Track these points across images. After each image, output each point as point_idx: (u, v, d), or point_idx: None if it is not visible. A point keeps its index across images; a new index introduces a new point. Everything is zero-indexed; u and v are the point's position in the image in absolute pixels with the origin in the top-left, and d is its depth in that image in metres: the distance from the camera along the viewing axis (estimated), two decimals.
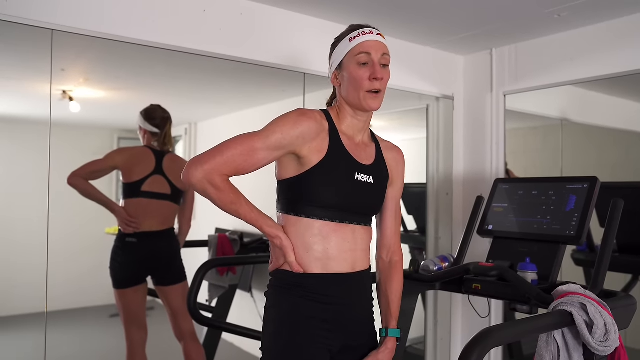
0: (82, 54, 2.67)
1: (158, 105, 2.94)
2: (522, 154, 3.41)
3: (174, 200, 2.82)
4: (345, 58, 1.45)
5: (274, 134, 1.37)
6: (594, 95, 3.10)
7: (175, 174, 2.79)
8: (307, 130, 1.38)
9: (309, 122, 1.39)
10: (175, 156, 2.89)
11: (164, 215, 2.78)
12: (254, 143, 1.35)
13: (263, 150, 1.36)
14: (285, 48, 2.51)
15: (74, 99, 3.35)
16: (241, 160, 1.35)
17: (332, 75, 1.51)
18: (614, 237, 1.72)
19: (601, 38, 2.60)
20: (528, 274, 1.81)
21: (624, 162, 3.18)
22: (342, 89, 1.47)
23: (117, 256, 2.76)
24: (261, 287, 3.65)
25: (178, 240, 2.89)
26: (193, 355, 2.81)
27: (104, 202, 2.78)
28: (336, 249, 1.42)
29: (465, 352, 1.17)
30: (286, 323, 1.41)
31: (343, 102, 1.48)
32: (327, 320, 1.42)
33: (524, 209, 2.05)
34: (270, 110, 3.79)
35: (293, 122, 1.38)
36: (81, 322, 4.58)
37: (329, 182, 1.40)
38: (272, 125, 1.40)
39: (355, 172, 1.44)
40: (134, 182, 2.75)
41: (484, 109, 3.13)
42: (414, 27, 2.73)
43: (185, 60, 2.47)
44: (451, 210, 3.23)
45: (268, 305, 1.48)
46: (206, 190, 1.35)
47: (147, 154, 2.80)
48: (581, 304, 1.45)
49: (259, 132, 1.39)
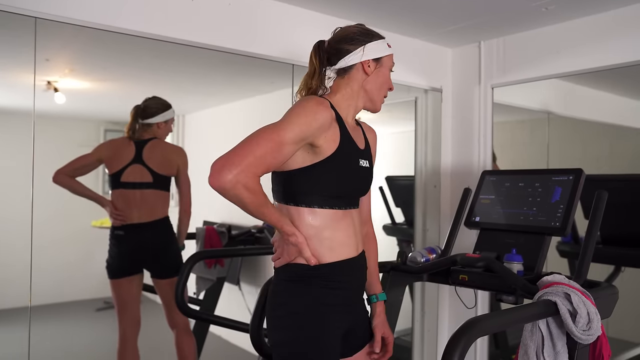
0: (67, 43, 2.63)
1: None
2: (509, 147, 3.43)
3: (158, 187, 2.74)
4: (385, 57, 1.53)
5: (298, 126, 1.34)
6: (580, 89, 3.13)
7: (156, 161, 2.74)
8: (325, 120, 1.38)
9: (326, 111, 1.39)
10: (156, 142, 2.80)
11: (150, 205, 2.73)
12: (282, 137, 1.32)
13: (290, 144, 1.34)
14: (274, 39, 2.49)
15: (59, 90, 3.31)
16: (271, 157, 1.32)
17: (364, 62, 1.50)
18: (597, 228, 1.75)
19: (587, 32, 2.61)
20: (514, 265, 1.83)
21: (608, 155, 3.22)
22: (371, 80, 1.51)
23: (110, 248, 2.78)
24: (249, 280, 3.65)
25: (172, 232, 2.83)
26: (184, 347, 2.81)
27: (91, 197, 2.77)
28: (344, 235, 1.46)
29: (452, 341, 1.18)
30: (306, 314, 1.42)
31: (360, 90, 1.52)
32: (342, 304, 1.47)
33: (510, 200, 2.06)
34: (259, 102, 3.77)
35: (313, 113, 1.37)
36: (67, 316, 4.56)
37: (344, 171, 1.44)
38: (293, 116, 1.36)
39: (358, 159, 1.49)
40: (114, 174, 2.74)
41: (471, 102, 3.14)
42: (402, 19, 2.73)
43: (173, 50, 2.44)
44: (439, 203, 3.25)
45: (280, 300, 1.46)
46: (239, 195, 1.28)
47: (127, 144, 2.78)
48: (565, 294, 1.47)
49: (282, 125, 1.35)
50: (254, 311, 1.93)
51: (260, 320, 1.94)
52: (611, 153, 3.22)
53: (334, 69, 1.51)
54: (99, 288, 4.65)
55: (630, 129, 3.23)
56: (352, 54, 1.49)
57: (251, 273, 3.68)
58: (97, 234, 4.61)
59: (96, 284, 4.65)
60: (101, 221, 4.60)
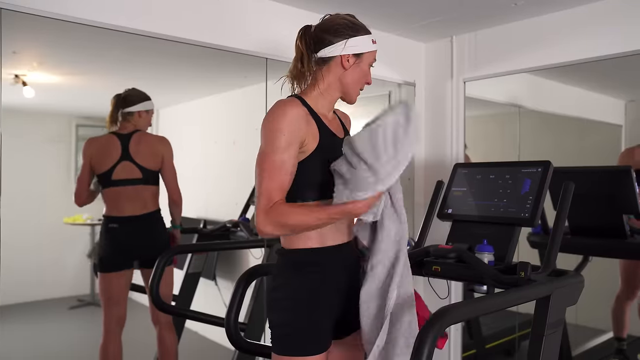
0: (35, 35, 2.58)
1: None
2: (482, 140, 3.49)
3: (148, 182, 2.79)
4: (366, 53, 1.55)
5: (281, 137, 1.38)
6: (550, 84, 3.20)
7: (143, 156, 2.77)
8: (299, 118, 1.42)
9: (295, 108, 1.43)
10: (140, 135, 2.82)
11: (142, 199, 2.77)
12: (278, 157, 1.38)
13: (287, 157, 1.39)
14: (246, 33, 2.48)
15: (27, 84, 3.24)
16: (280, 180, 1.39)
17: (344, 56, 1.51)
18: (565, 218, 1.79)
19: (556, 27, 2.67)
20: (485, 255, 1.86)
21: (578, 149, 3.30)
22: (348, 74, 1.53)
23: (101, 241, 2.80)
24: (225, 275, 3.64)
25: (163, 223, 2.88)
26: (166, 342, 2.84)
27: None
28: (342, 221, 1.51)
29: (423, 331, 1.20)
30: (302, 298, 1.48)
31: (337, 82, 1.54)
32: (335, 288, 1.53)
33: (482, 192, 2.10)
34: (233, 97, 3.75)
35: (284, 117, 1.40)
36: (39, 316, 4.47)
37: (324, 164, 1.46)
38: (271, 131, 1.40)
39: (339, 148, 1.51)
40: (103, 173, 2.76)
41: (444, 96, 3.18)
42: (376, 13, 2.74)
43: (145, 44, 2.41)
44: (413, 195, 3.29)
45: (279, 283, 1.52)
46: (283, 229, 1.39)
47: (112, 141, 2.78)
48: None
49: (269, 146, 1.39)
50: (229, 306, 1.93)
51: (235, 314, 1.94)
52: (579, 146, 3.30)
53: (315, 56, 1.53)
54: (72, 286, 4.59)
55: (597, 123, 3.32)
56: (333, 46, 1.50)
57: (227, 268, 3.67)
58: (70, 231, 4.54)
59: (69, 282, 4.58)
60: (73, 218, 4.53)
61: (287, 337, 1.47)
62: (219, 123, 3.78)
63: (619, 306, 3.10)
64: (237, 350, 2.10)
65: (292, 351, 1.46)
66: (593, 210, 2.53)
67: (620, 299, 3.11)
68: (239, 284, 1.95)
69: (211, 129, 3.35)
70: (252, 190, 3.29)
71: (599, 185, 2.51)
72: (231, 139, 3.71)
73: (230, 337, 1.94)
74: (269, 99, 2.79)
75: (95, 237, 4.69)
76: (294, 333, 1.46)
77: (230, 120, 3.80)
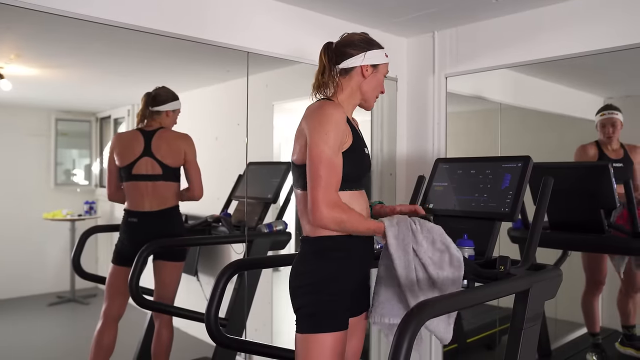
0: (12, 27, 2.52)
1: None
2: (463, 135, 3.51)
3: (168, 179, 2.84)
4: (381, 65, 1.79)
5: (333, 137, 1.59)
6: (530, 80, 3.22)
7: (164, 153, 2.83)
8: (344, 120, 1.64)
9: (342, 113, 1.64)
10: (163, 132, 2.88)
11: (161, 195, 2.83)
12: (333, 155, 1.58)
13: (336, 156, 1.59)
14: (227, 26, 2.46)
15: (4, 77, 3.18)
16: (337, 177, 1.60)
17: (364, 67, 1.75)
18: (544, 212, 1.81)
19: (536, 23, 2.69)
20: (465, 250, 1.87)
21: (557, 145, 3.34)
22: (366, 82, 1.77)
23: (120, 234, 2.89)
24: (207, 270, 3.62)
25: (180, 219, 2.94)
26: (162, 338, 2.89)
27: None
28: (361, 210, 1.71)
29: (403, 324, 1.20)
30: (325, 281, 1.65)
31: (357, 90, 1.78)
32: (357, 271, 1.73)
33: (462, 187, 2.11)
34: (216, 91, 3.72)
35: (335, 118, 1.60)
36: (16, 313, 4.41)
37: (359, 158, 1.72)
38: (325, 131, 1.59)
39: (364, 147, 1.78)
40: (125, 166, 2.83)
41: (426, 91, 3.19)
42: (358, 8, 2.74)
43: (125, 36, 2.38)
44: (394, 190, 3.30)
45: (304, 268, 1.68)
46: (338, 226, 1.58)
47: (136, 136, 2.85)
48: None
49: (325, 144, 1.58)
50: (209, 301, 1.92)
51: (216, 310, 1.93)
52: (559, 142, 3.34)
53: (338, 68, 1.75)
54: (52, 282, 4.52)
55: (576, 119, 3.36)
56: (354, 58, 1.74)
57: (209, 263, 3.65)
58: (50, 227, 4.48)
59: (49, 279, 4.52)
60: (53, 213, 4.47)
61: (312, 317, 1.63)
62: (201, 118, 3.75)
63: (587, 302, 3.14)
64: (217, 345, 2.09)
65: (318, 329, 1.61)
66: (572, 206, 2.56)
67: (587, 295, 3.15)
68: (219, 279, 1.94)
69: (194, 124, 3.32)
70: (234, 185, 3.27)
71: (578, 180, 2.54)
72: (213, 134, 3.68)
73: (211, 333, 1.93)
74: (251, 93, 2.77)
75: (75, 233, 4.64)
76: (318, 313, 1.62)
77: (213, 115, 3.78)
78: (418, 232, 1.67)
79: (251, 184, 3.12)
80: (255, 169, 3.17)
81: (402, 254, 1.65)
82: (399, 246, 1.65)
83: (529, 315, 1.67)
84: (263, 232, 2.95)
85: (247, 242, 2.88)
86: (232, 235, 3.00)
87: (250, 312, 2.98)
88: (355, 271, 1.73)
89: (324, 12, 2.78)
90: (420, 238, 1.67)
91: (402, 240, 1.65)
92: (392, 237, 1.65)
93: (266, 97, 3.46)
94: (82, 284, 3.99)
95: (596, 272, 3.15)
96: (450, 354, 3.23)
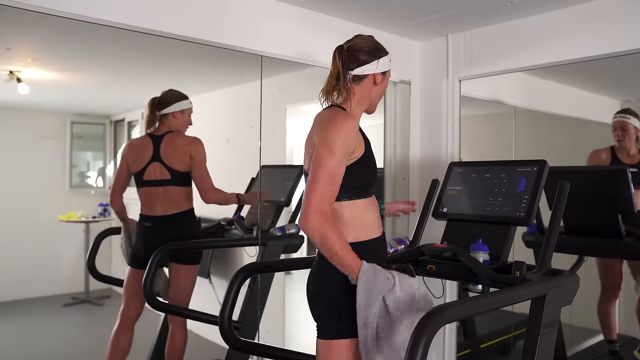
0: (29, 31, 2.56)
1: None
2: (478, 139, 3.49)
3: (178, 183, 2.84)
4: (388, 71, 1.80)
5: (342, 147, 1.58)
6: (545, 83, 3.20)
7: (172, 158, 2.82)
8: (355, 131, 1.64)
9: (355, 124, 1.64)
10: (171, 137, 2.86)
11: (173, 199, 2.84)
12: (336, 165, 1.57)
13: (339, 167, 1.58)
14: (242, 29, 2.47)
15: (22, 80, 3.22)
16: (334, 187, 1.58)
17: (376, 74, 1.75)
18: (560, 217, 1.79)
19: (551, 26, 2.67)
20: (480, 255, 1.86)
21: (571, 148, 3.30)
22: (375, 90, 1.78)
23: (137, 238, 2.92)
24: (219, 273, 3.63)
25: (195, 222, 2.95)
26: (176, 340, 2.90)
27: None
28: (375, 217, 1.75)
29: (418, 329, 1.20)
30: (341, 291, 1.63)
31: (367, 98, 1.77)
32: None
33: (477, 191, 2.10)
34: (229, 94, 3.74)
35: (345, 129, 1.60)
36: (32, 313, 4.46)
37: (372, 166, 1.74)
38: (333, 140, 1.58)
39: (374, 154, 1.77)
40: (136, 173, 2.86)
41: (439, 94, 3.17)
42: (371, 11, 2.74)
43: (140, 40, 2.40)
44: (408, 194, 3.28)
45: (320, 278, 1.69)
46: (320, 241, 1.55)
47: (145, 142, 2.87)
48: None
49: (330, 153, 1.57)
50: (222, 304, 1.93)
51: (229, 312, 1.93)
52: (574, 146, 3.30)
53: (351, 74, 1.73)
54: (67, 283, 4.58)
55: (591, 122, 3.32)
56: (368, 65, 1.73)
57: (221, 266, 3.66)
58: (65, 228, 4.53)
59: (64, 280, 4.57)
60: (68, 215, 4.52)
61: (333, 323, 1.64)
62: (214, 121, 3.77)
63: (603, 309, 3.09)
64: (230, 348, 2.09)
65: (339, 335, 1.63)
66: (588, 210, 2.52)
67: (603, 301, 3.10)
68: (233, 282, 1.94)
69: (206, 126, 3.34)
70: (247, 188, 3.28)
71: (594, 185, 2.51)
72: (225, 137, 3.70)
73: (224, 335, 1.94)
74: (264, 96, 2.78)
75: (90, 235, 4.68)
76: (339, 320, 1.63)
77: (225, 118, 3.79)
78: (397, 287, 1.58)
79: (264, 187, 3.13)
80: (269, 172, 3.17)
81: (365, 302, 1.56)
82: (366, 294, 1.56)
83: (546, 322, 1.65)
84: (276, 235, 2.95)
85: (260, 245, 2.89)
86: (245, 238, 3.01)
87: (263, 315, 2.98)
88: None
89: (338, 15, 2.78)
90: (397, 293, 1.57)
91: (372, 291, 1.56)
92: (363, 282, 1.55)
93: (279, 100, 3.47)
94: (96, 285, 4.02)
95: (612, 278, 3.11)
96: (464, 359, 3.21)
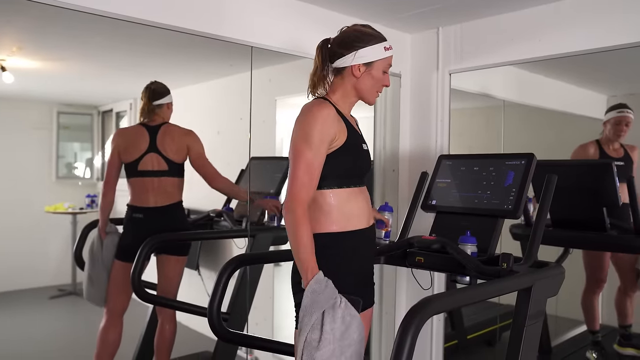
0: (13, 20, 2.52)
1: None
2: (466, 132, 3.51)
3: (173, 174, 2.84)
4: (377, 61, 1.72)
5: (317, 136, 1.58)
6: (533, 77, 3.21)
7: (170, 148, 2.82)
8: (332, 118, 1.62)
9: (329, 109, 1.62)
10: (167, 128, 2.86)
11: (166, 190, 2.83)
12: (312, 154, 1.57)
13: (316, 157, 1.58)
14: (232, 19, 2.45)
15: (6, 69, 3.18)
16: (313, 176, 1.58)
17: (355, 65, 1.69)
18: (547, 209, 1.81)
19: (541, 20, 2.68)
20: (468, 247, 1.87)
21: (559, 142, 3.33)
22: (360, 81, 1.72)
23: (124, 230, 2.89)
24: (208, 265, 3.62)
25: (184, 214, 2.96)
26: (165, 333, 2.90)
27: None
28: (359, 208, 1.72)
29: (406, 320, 1.20)
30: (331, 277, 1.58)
31: (352, 89, 1.73)
32: (357, 271, 1.71)
33: (465, 184, 2.11)
34: (218, 86, 3.72)
35: (319, 117, 1.59)
36: (17, 305, 4.42)
37: (355, 155, 1.70)
38: (307, 130, 1.58)
39: (361, 143, 1.76)
40: (130, 163, 2.82)
41: (429, 87, 3.18)
42: (362, 3, 2.73)
43: (128, 30, 2.38)
44: (397, 186, 3.29)
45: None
46: (291, 232, 1.55)
47: (140, 132, 2.84)
48: None
49: (305, 143, 1.57)
50: (211, 295, 1.93)
51: (218, 304, 1.93)
52: (561, 140, 3.33)
53: (331, 67, 1.73)
54: (54, 275, 4.53)
55: (579, 117, 3.35)
56: (344, 58, 1.69)
57: (210, 258, 3.66)
58: (52, 220, 4.48)
59: (50, 271, 4.53)
60: (55, 206, 4.47)
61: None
62: (203, 112, 3.74)
63: (587, 300, 3.14)
64: (219, 339, 2.10)
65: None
66: (574, 203, 2.56)
67: (587, 293, 3.15)
68: (222, 274, 1.94)
69: (195, 118, 3.33)
70: (237, 179, 3.27)
71: (580, 178, 2.54)
72: (215, 129, 3.68)
73: (213, 327, 1.94)
74: (254, 88, 2.77)
75: (77, 226, 4.64)
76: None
77: (215, 110, 3.77)
78: (339, 309, 1.52)
79: (254, 178, 3.12)
80: (258, 163, 3.17)
81: (306, 309, 1.52)
82: (310, 302, 1.52)
83: (532, 313, 1.67)
84: (265, 227, 2.95)
85: (249, 237, 2.89)
86: (234, 230, 3.00)
87: (252, 306, 2.99)
88: (355, 268, 1.70)
89: (329, 7, 2.77)
90: (338, 315, 1.51)
91: (316, 302, 1.51)
92: (311, 290, 1.52)
93: (269, 92, 3.45)
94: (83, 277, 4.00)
95: (597, 270, 3.15)
96: (451, 350, 3.24)
